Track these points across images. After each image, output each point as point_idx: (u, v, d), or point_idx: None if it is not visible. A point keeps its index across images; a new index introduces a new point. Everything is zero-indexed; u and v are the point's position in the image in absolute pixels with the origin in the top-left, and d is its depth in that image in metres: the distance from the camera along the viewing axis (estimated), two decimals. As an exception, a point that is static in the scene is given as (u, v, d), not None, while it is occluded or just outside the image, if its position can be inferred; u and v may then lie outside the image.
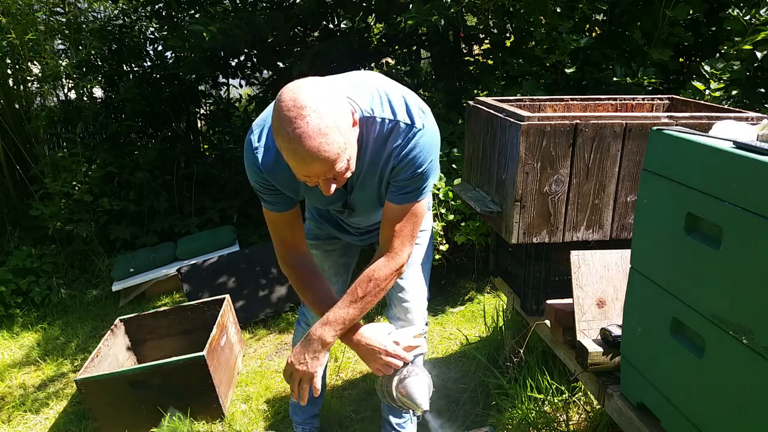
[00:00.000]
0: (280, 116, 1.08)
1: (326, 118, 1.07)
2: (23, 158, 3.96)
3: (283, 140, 1.09)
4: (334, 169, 1.12)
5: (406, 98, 1.26)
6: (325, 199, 1.40)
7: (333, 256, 1.70)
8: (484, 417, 2.04)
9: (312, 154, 1.08)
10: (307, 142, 1.07)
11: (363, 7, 3.66)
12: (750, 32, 2.45)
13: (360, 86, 1.27)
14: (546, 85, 2.92)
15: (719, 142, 1.08)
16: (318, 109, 1.07)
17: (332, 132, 1.08)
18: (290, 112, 1.07)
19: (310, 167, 1.11)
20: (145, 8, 4.23)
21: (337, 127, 1.09)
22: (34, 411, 2.42)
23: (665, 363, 1.22)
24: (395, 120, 1.24)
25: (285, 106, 1.08)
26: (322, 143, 1.08)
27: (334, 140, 1.09)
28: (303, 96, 1.07)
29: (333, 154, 1.09)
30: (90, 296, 3.49)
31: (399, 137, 1.24)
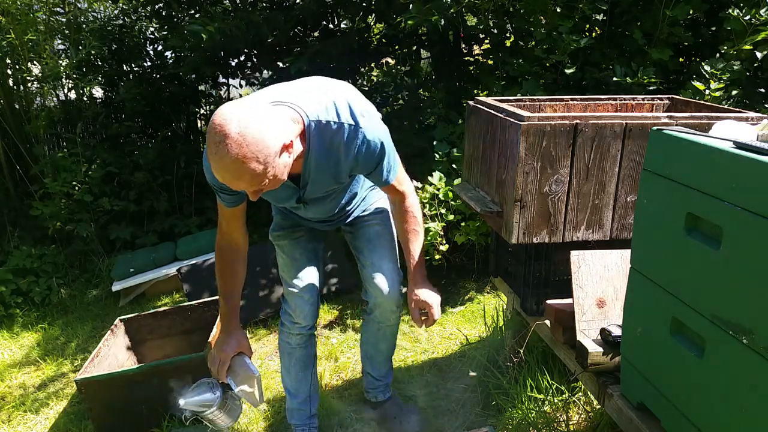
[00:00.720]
0: (208, 140, 1.21)
1: (245, 149, 1.19)
2: (23, 158, 3.96)
3: (212, 162, 1.23)
4: (255, 186, 1.26)
5: (351, 103, 1.43)
6: (280, 197, 1.59)
7: (302, 243, 1.81)
8: (484, 417, 2.04)
9: (232, 178, 1.23)
10: (226, 165, 1.21)
11: (363, 7, 3.66)
12: (750, 32, 2.45)
13: (308, 94, 1.42)
14: (546, 85, 2.93)
15: (719, 142, 1.08)
16: (239, 137, 1.19)
17: (250, 162, 1.20)
18: (215, 137, 1.19)
19: (232, 184, 1.26)
20: (145, 8, 4.23)
21: (257, 156, 1.21)
22: (34, 411, 2.42)
23: (665, 363, 1.22)
24: (340, 122, 1.41)
25: (211, 130, 1.21)
26: (239, 171, 1.21)
27: (253, 167, 1.21)
28: (228, 124, 1.19)
29: (249, 177, 1.23)
30: (90, 296, 3.49)
31: (345, 135, 1.42)
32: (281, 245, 1.82)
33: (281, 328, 1.85)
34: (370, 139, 1.44)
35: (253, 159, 1.20)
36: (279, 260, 1.84)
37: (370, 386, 2.06)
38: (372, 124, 1.45)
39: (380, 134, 1.47)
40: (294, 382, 1.89)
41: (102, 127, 4.22)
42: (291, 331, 1.82)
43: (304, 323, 1.80)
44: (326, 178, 1.51)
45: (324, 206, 1.69)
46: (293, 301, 1.78)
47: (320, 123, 1.40)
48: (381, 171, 1.53)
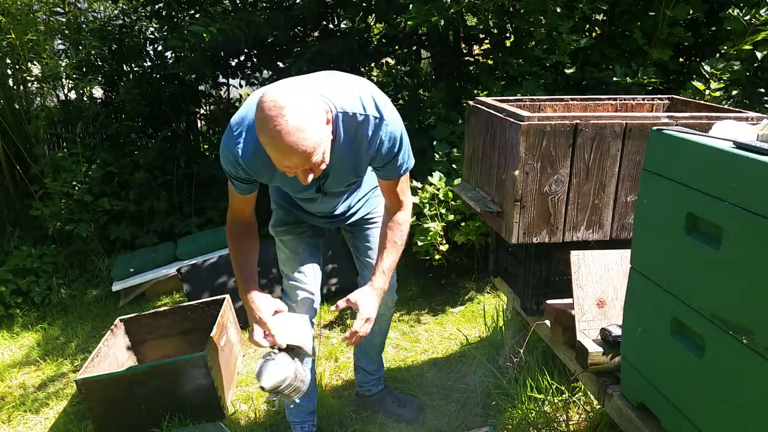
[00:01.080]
0: (263, 115, 1.23)
1: (303, 117, 1.23)
2: (23, 158, 3.96)
3: (265, 136, 1.25)
4: (311, 161, 1.28)
5: (375, 97, 1.46)
6: (300, 186, 1.56)
7: (305, 238, 1.83)
8: (484, 417, 2.04)
9: (291, 149, 1.24)
10: (286, 138, 1.22)
11: (363, 7, 3.66)
12: (750, 32, 2.46)
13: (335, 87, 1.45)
14: (546, 85, 2.92)
15: (719, 142, 1.08)
16: (296, 108, 1.23)
17: (308, 128, 1.24)
18: (271, 111, 1.22)
19: (290, 159, 1.27)
20: (145, 8, 4.23)
21: (313, 124, 1.25)
22: (34, 411, 2.42)
23: (665, 363, 1.22)
24: (365, 114, 1.44)
25: (266, 106, 1.23)
26: (300, 138, 1.23)
27: (310, 136, 1.24)
28: (282, 97, 1.23)
29: (309, 148, 1.25)
30: (90, 296, 3.49)
31: (371, 128, 1.45)
32: (284, 240, 1.83)
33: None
34: (392, 131, 1.48)
35: (311, 126, 1.24)
36: (280, 255, 1.85)
37: (364, 380, 2.11)
38: (394, 116, 1.49)
39: (400, 127, 1.51)
40: None
41: (102, 127, 4.22)
42: None
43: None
44: (347, 169, 1.55)
45: (333, 200, 1.73)
46: (295, 295, 1.80)
47: (347, 114, 1.43)
48: (396, 162, 1.54)
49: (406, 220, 1.66)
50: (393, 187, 1.61)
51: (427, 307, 2.94)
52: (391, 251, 1.64)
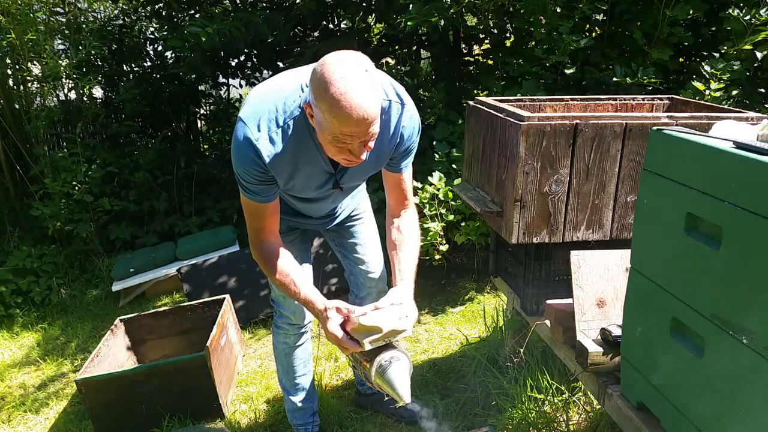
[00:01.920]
0: (331, 74, 1.16)
1: (372, 81, 1.19)
2: (23, 158, 3.96)
3: (335, 93, 1.15)
4: (371, 130, 1.22)
5: (394, 84, 1.43)
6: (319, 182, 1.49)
7: (295, 244, 1.75)
8: (484, 417, 2.04)
9: (361, 106, 1.16)
10: (359, 94, 1.16)
11: (363, 7, 3.66)
12: (750, 32, 2.46)
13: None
14: (546, 85, 2.93)
15: (719, 142, 1.08)
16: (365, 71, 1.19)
17: (376, 92, 1.20)
18: (343, 70, 1.17)
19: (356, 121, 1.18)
20: (145, 8, 4.23)
21: (377, 90, 1.21)
22: (34, 411, 2.42)
23: (665, 363, 1.22)
24: (389, 99, 1.40)
25: (335, 67, 1.18)
26: (370, 98, 1.17)
27: (377, 100, 1.20)
28: (352, 60, 1.20)
29: (375, 112, 1.20)
30: (90, 296, 3.49)
31: (394, 113, 1.41)
32: None
33: (276, 330, 1.83)
34: (412, 116, 1.46)
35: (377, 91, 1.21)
36: None
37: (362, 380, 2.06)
38: (412, 103, 1.47)
39: (417, 115, 1.50)
40: (294, 382, 1.90)
41: (102, 127, 4.22)
42: (289, 332, 1.82)
43: (301, 323, 1.81)
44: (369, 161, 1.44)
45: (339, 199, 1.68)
46: (288, 302, 1.75)
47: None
48: (409, 152, 1.51)
49: (416, 220, 1.60)
50: (399, 182, 1.55)
51: (427, 307, 2.94)
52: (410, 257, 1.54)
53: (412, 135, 1.48)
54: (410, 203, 1.60)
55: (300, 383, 1.90)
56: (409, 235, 1.55)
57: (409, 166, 1.55)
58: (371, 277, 1.88)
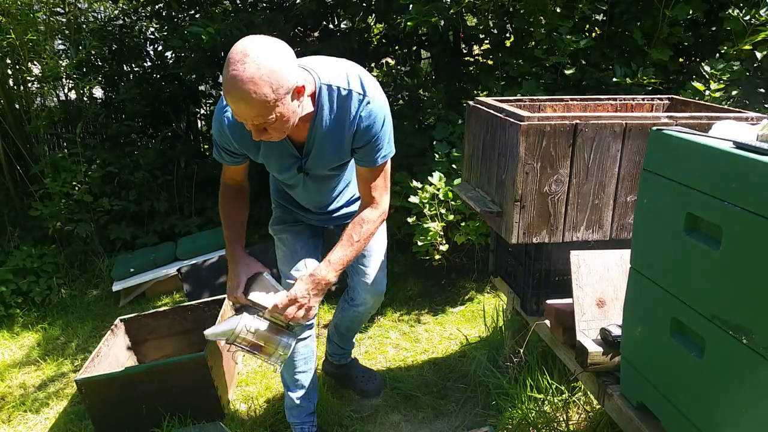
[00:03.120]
0: (228, 58, 1.25)
1: (262, 70, 1.23)
2: (23, 158, 3.96)
3: (223, 78, 1.26)
4: (261, 117, 1.29)
5: (361, 76, 1.48)
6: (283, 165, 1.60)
7: (303, 236, 1.84)
8: (484, 417, 2.04)
9: (239, 96, 1.24)
10: (238, 84, 1.23)
11: (363, 8, 3.66)
12: (750, 32, 2.46)
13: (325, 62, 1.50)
14: (546, 86, 2.92)
15: (719, 142, 1.08)
16: (258, 61, 1.23)
17: (263, 85, 1.23)
18: (236, 56, 1.24)
19: (238, 107, 1.28)
20: (146, 8, 4.23)
21: (270, 82, 1.24)
22: (35, 411, 2.42)
23: (665, 363, 1.22)
24: (349, 89, 1.45)
25: (234, 51, 1.25)
26: (250, 90, 1.23)
27: (263, 92, 1.24)
28: (252, 47, 1.24)
29: (257, 103, 1.25)
30: (90, 296, 3.49)
31: (353, 103, 1.45)
32: (282, 238, 1.84)
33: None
34: (374, 109, 1.47)
35: (267, 84, 1.24)
36: (279, 253, 1.85)
37: (334, 352, 2.20)
38: (378, 97, 1.49)
39: (383, 109, 1.51)
40: (294, 377, 1.90)
41: (102, 127, 4.22)
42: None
43: None
44: (331, 148, 1.53)
45: (320, 188, 1.73)
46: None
47: (330, 87, 1.45)
48: (372, 147, 1.52)
49: (372, 219, 1.60)
50: (368, 178, 1.58)
51: (427, 307, 2.94)
52: (344, 245, 1.58)
53: (373, 129, 1.49)
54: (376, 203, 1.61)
55: (299, 380, 1.90)
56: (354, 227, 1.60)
57: (377, 163, 1.55)
58: (369, 290, 1.91)
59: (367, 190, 1.60)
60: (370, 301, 1.95)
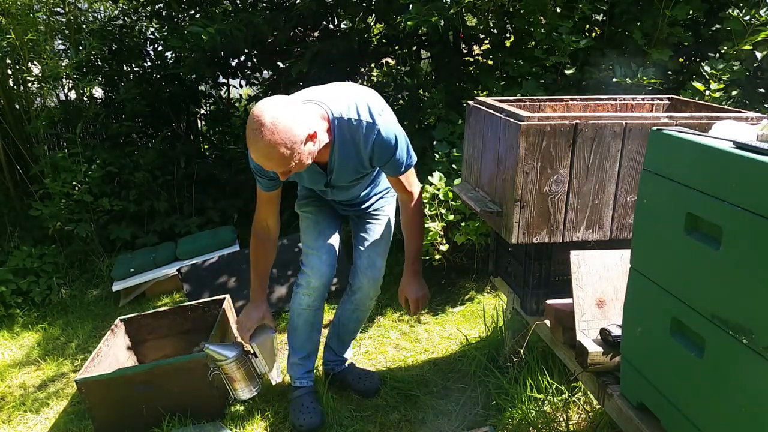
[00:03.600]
0: (247, 127, 1.50)
1: (276, 135, 1.47)
2: (23, 158, 3.96)
3: (248, 146, 1.52)
4: (282, 167, 1.54)
5: (369, 104, 1.69)
6: (310, 181, 1.88)
7: (326, 211, 2.05)
8: (484, 417, 2.04)
9: (261, 157, 1.52)
10: (259, 149, 1.50)
11: (363, 8, 3.66)
12: (750, 32, 2.46)
13: (334, 94, 1.69)
14: (546, 86, 2.92)
15: (719, 142, 1.08)
16: (272, 127, 1.46)
17: (279, 146, 1.48)
18: (252, 125, 1.48)
19: (262, 164, 1.56)
20: (146, 8, 4.23)
21: (285, 143, 1.48)
22: (35, 411, 2.42)
23: (665, 363, 1.22)
24: (359, 119, 1.66)
25: (250, 120, 1.48)
26: (270, 152, 1.49)
27: (280, 152, 1.49)
28: (265, 115, 1.47)
29: (276, 162, 1.52)
30: (90, 296, 3.49)
31: (364, 131, 1.67)
32: (307, 210, 2.03)
33: (296, 289, 2.04)
34: (384, 134, 1.69)
35: (282, 145, 1.48)
36: (302, 225, 2.04)
37: (329, 359, 2.27)
38: (387, 121, 1.70)
39: (394, 130, 1.72)
40: (299, 340, 2.10)
41: (102, 127, 4.22)
42: (305, 292, 2.00)
43: (317, 283, 1.98)
44: (349, 166, 1.76)
45: (347, 193, 1.95)
46: (310, 262, 1.98)
47: (342, 119, 1.66)
48: (394, 163, 1.77)
49: (419, 208, 1.94)
50: (399, 182, 1.85)
51: (427, 307, 2.94)
52: (415, 239, 1.96)
53: (388, 150, 1.72)
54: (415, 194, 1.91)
55: (302, 344, 2.10)
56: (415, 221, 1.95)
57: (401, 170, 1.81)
58: (365, 272, 2.04)
59: (401, 188, 1.87)
60: (366, 287, 2.05)
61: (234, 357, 1.93)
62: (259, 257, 1.96)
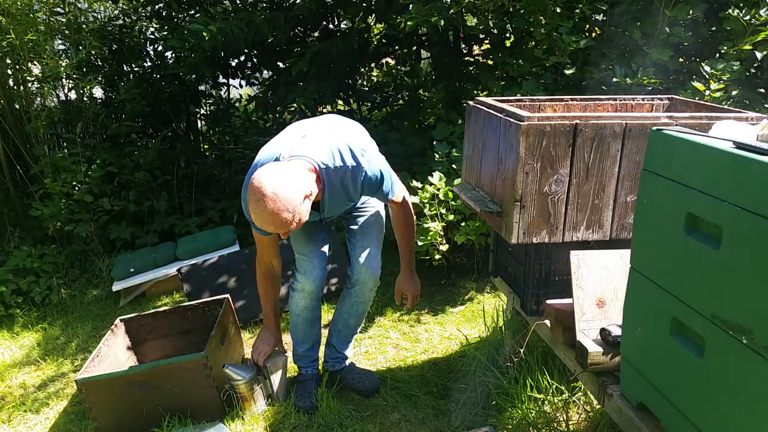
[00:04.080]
0: (249, 196, 1.62)
1: (278, 204, 1.58)
2: (23, 158, 3.96)
3: (251, 214, 1.64)
4: (285, 228, 1.64)
5: (350, 146, 1.80)
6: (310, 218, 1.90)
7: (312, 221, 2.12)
8: (484, 417, 2.04)
9: (269, 225, 1.64)
10: (264, 218, 1.61)
11: (363, 7, 3.66)
12: (750, 32, 2.46)
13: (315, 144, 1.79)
14: (546, 86, 2.92)
15: (719, 142, 1.08)
16: (273, 196, 1.58)
17: (282, 212, 1.59)
18: (254, 195, 1.60)
19: (269, 230, 1.68)
20: (146, 8, 4.23)
21: (287, 208, 1.59)
22: (35, 411, 2.42)
23: (665, 363, 1.22)
24: (344, 165, 1.79)
25: (251, 191, 1.60)
26: (274, 220, 1.61)
27: (284, 217, 1.60)
28: (264, 185, 1.59)
29: (281, 224, 1.62)
30: (90, 296, 3.49)
31: (350, 175, 1.80)
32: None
33: (292, 292, 2.16)
34: (370, 173, 1.82)
35: (285, 210, 1.59)
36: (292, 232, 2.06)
37: (330, 356, 2.32)
38: (370, 160, 1.82)
39: (378, 166, 1.85)
40: (301, 335, 2.24)
41: (102, 127, 4.21)
42: (300, 296, 2.12)
43: (311, 287, 2.09)
44: (340, 202, 1.91)
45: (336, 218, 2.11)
46: (303, 267, 2.09)
47: (329, 168, 1.78)
48: (383, 192, 1.91)
49: (408, 212, 2.06)
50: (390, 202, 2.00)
51: (427, 307, 2.94)
52: (407, 238, 2.10)
53: (376, 184, 1.86)
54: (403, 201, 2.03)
55: (305, 338, 2.24)
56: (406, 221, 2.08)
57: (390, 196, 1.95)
58: (363, 265, 2.10)
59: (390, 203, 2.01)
60: (364, 277, 2.12)
61: (249, 378, 2.10)
62: (269, 291, 2.11)
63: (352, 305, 2.22)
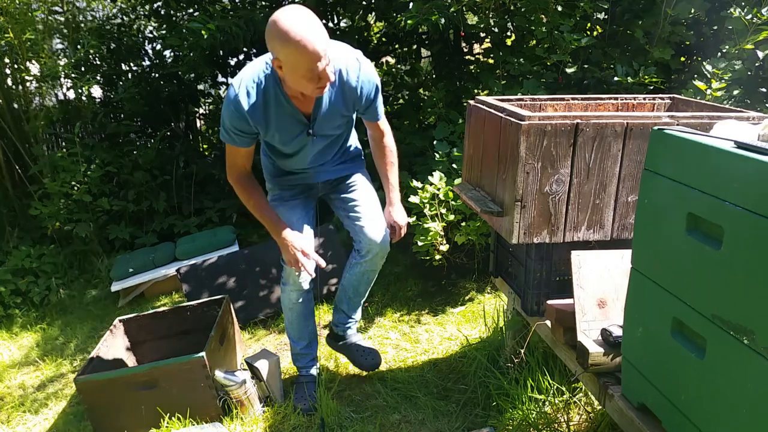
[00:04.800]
0: (286, 22, 1.52)
1: (317, 25, 1.55)
2: (22, 158, 3.96)
3: (293, 36, 1.51)
4: (324, 60, 1.56)
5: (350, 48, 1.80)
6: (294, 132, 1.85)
7: (297, 209, 2.05)
8: (484, 418, 2.03)
9: (317, 41, 1.53)
10: (312, 33, 1.52)
11: (363, 6, 3.65)
12: (752, 31, 2.45)
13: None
14: (547, 85, 2.92)
15: (720, 141, 1.07)
16: (311, 17, 1.55)
17: (322, 33, 1.55)
18: (293, 17, 1.52)
19: (310, 57, 1.54)
20: (144, 7, 4.22)
21: (323, 31, 1.56)
22: (34, 411, 2.42)
23: (666, 363, 1.21)
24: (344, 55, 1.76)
25: (286, 16, 1.52)
26: (321, 35, 1.54)
27: (324, 38, 1.56)
28: (300, 10, 1.54)
29: (324, 47, 1.55)
30: (89, 296, 3.49)
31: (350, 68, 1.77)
32: (279, 211, 2.01)
33: (283, 287, 2.12)
34: (370, 75, 1.81)
35: (323, 36, 1.56)
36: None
37: (340, 320, 2.29)
38: (371, 66, 1.83)
39: (376, 77, 1.85)
40: (297, 332, 2.21)
41: (101, 127, 4.21)
42: (291, 289, 2.09)
43: (297, 285, 2.06)
44: (336, 111, 1.83)
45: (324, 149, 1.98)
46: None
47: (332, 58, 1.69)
48: (375, 108, 1.90)
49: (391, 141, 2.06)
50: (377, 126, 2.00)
51: (427, 308, 2.93)
52: (391, 170, 2.07)
53: (371, 90, 1.83)
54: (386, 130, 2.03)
55: (301, 335, 2.21)
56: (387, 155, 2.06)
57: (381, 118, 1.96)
58: (371, 236, 2.03)
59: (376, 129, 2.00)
60: (375, 248, 2.05)
61: (241, 382, 2.08)
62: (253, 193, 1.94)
63: (362, 273, 2.14)
